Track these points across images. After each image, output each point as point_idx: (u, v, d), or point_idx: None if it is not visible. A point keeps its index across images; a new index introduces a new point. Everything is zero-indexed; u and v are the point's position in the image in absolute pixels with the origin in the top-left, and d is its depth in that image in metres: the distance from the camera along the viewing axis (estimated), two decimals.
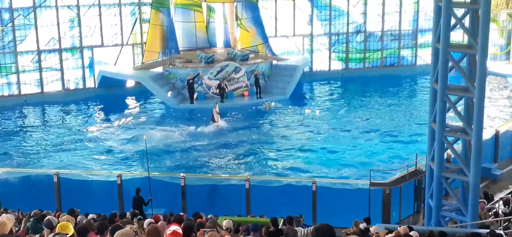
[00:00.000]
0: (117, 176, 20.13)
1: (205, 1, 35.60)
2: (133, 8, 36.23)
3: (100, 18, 35.48)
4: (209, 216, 14.55)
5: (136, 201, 18.40)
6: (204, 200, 19.70)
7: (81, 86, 35.85)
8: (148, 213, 17.96)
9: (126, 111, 33.35)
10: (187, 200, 19.72)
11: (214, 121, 29.86)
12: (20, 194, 20.07)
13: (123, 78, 35.79)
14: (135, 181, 20.44)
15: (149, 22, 34.99)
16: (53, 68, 35.15)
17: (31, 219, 12.60)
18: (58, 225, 8.67)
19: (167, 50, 34.42)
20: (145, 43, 35.43)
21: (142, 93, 35.32)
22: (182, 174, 20.51)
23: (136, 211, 16.99)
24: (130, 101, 35.40)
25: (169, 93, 33.15)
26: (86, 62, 35.77)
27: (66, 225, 8.37)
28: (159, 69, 34.70)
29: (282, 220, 13.62)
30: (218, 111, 30.11)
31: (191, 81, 32.62)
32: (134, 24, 36.36)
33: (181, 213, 16.01)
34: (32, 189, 20.37)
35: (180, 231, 7.55)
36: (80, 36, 35.30)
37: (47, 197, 19.67)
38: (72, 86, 35.70)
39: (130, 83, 36.44)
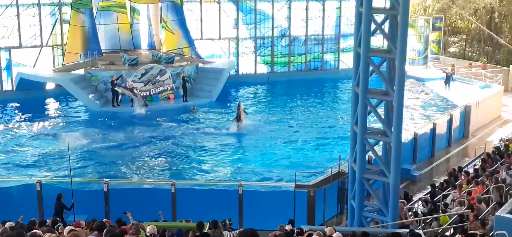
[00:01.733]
0: (37, 182, 19.40)
1: (130, 1, 34.93)
2: (53, 9, 35.14)
3: (18, 19, 34.18)
4: (132, 222, 14.27)
5: (57, 207, 17.80)
6: (130, 205, 19.27)
7: None
8: (69, 220, 17.41)
9: (46, 114, 32.27)
10: (110, 206, 19.27)
11: (239, 120, 29.21)
12: None
13: (43, 81, 34.59)
14: (56, 187, 19.76)
15: (69, 23, 34.00)
16: None
17: None
18: None
19: (89, 51, 33.57)
20: (66, 44, 34.42)
21: (62, 96, 34.27)
22: (105, 179, 20.02)
23: (57, 218, 16.44)
24: (50, 104, 34.27)
25: (91, 96, 32.32)
26: (3, 64, 34.35)
27: None
28: (81, 71, 33.78)
29: (208, 224, 13.53)
30: (244, 109, 29.50)
31: (115, 83, 31.98)
32: (54, 25, 35.28)
33: (105, 220, 15.64)
34: None
35: None
36: None
37: None
38: None
39: (50, 86, 35.28)
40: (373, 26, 14.87)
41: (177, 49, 36.14)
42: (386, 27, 15.21)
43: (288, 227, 14.46)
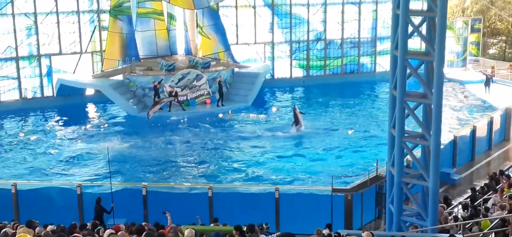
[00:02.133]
0: (77, 186, 19.78)
1: (168, 1, 35.29)
2: (92, 16, 35.80)
3: (58, 26, 34.96)
4: (170, 225, 14.42)
5: (97, 211, 18.11)
6: (168, 209, 19.48)
7: (39, 95, 35.21)
8: (109, 223, 17.69)
9: (85, 120, 32.87)
10: (149, 209, 19.51)
11: (297, 123, 29.53)
12: None
13: (82, 87, 35.27)
14: (96, 191, 20.13)
15: (108, 30, 34.61)
16: (10, 77, 34.43)
17: None
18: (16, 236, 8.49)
19: (127, 58, 34.09)
20: (104, 51, 35.02)
21: (102, 102, 34.87)
22: (143, 183, 20.29)
23: (97, 221, 16.72)
24: (90, 109, 34.89)
25: (130, 101, 32.79)
26: (44, 71, 35.16)
27: (24, 236, 8.20)
28: (119, 77, 34.31)
29: (245, 228, 13.57)
30: (300, 111, 29.90)
31: (157, 88, 32.39)
32: (93, 31, 35.93)
33: (143, 223, 15.84)
34: None
35: None
36: (38, 44, 34.71)
37: (4, 209, 19.17)
38: (29, 95, 35.02)
39: (89, 92, 35.94)
40: (410, 29, 14.72)
41: (213, 54, 36.39)
42: (423, 29, 15.02)
43: (325, 231, 14.40)
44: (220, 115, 32.87)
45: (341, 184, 20.90)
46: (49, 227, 13.70)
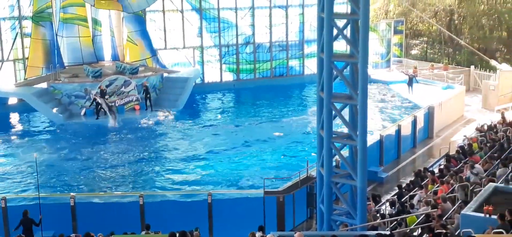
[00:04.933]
0: (1, 199, 19.02)
1: (93, 6, 34.52)
2: (13, 22, 34.54)
3: None
4: (99, 236, 14.12)
5: (25, 223, 17.47)
6: (98, 219, 19.04)
7: None
8: (37, 236, 17.14)
9: (9, 130, 31.66)
10: (78, 221, 19.01)
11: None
12: None
13: (5, 96, 33.96)
14: (22, 204, 19.43)
15: (30, 37, 33.50)
16: None
17: None
18: None
19: (51, 65, 33.11)
20: (27, 58, 33.88)
21: (26, 111, 33.69)
22: (72, 193, 19.75)
23: (23, 235, 16.16)
24: (13, 119, 33.64)
25: (55, 110, 31.83)
26: None
27: None
28: (44, 85, 33.27)
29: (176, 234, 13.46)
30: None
31: (104, 92, 31.63)
32: (15, 39, 34.66)
33: (72, 235, 15.46)
34: None
35: None
36: None
37: None
38: None
39: (12, 101, 34.65)
40: (335, 31, 15.04)
41: (140, 60, 35.92)
42: (348, 32, 15.39)
43: (258, 234, 14.49)
44: (162, 115, 32.36)
45: (273, 186, 21.09)
46: None
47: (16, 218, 17.93)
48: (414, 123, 27.66)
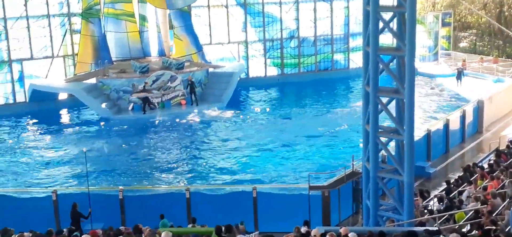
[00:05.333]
0: (52, 192, 19.57)
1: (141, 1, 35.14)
2: (63, 19, 35.40)
3: (29, 30, 34.47)
4: (147, 229, 14.36)
5: (73, 216, 17.92)
6: (145, 212, 19.39)
7: (11, 101, 34.70)
8: (86, 228, 17.55)
9: (59, 124, 32.52)
10: (126, 213, 19.39)
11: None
12: None
13: (55, 91, 34.89)
14: (72, 196, 19.93)
15: (80, 33, 34.27)
16: None
17: None
18: None
19: (100, 61, 33.81)
20: (77, 54, 34.68)
21: (76, 106, 34.53)
22: (120, 187, 20.16)
23: (73, 227, 16.58)
24: (64, 114, 34.51)
25: (104, 105, 32.52)
26: (16, 76, 34.66)
27: None
28: (92, 80, 34.02)
29: (222, 228, 13.58)
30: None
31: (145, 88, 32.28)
32: (64, 35, 35.53)
33: (121, 227, 15.76)
34: None
35: None
36: (8, 49, 34.20)
37: None
38: (1, 101, 34.50)
39: (62, 96, 35.54)
40: (381, 24, 14.86)
41: (186, 55, 36.31)
42: (394, 25, 15.18)
43: (303, 229, 14.47)
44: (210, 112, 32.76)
45: (318, 181, 21.03)
46: (25, 234, 13.57)
47: (67, 211, 18.41)
48: (463, 117, 27.09)
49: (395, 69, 15.20)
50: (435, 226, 14.38)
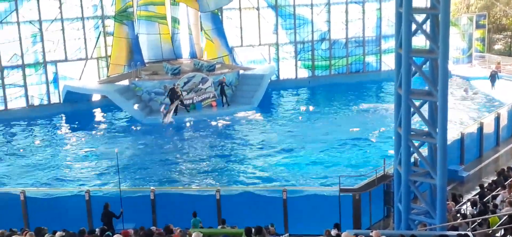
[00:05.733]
0: (85, 192, 19.86)
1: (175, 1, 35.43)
2: (97, 22, 35.92)
3: (63, 33, 35.07)
4: (177, 229, 14.46)
5: (105, 216, 18.15)
6: (176, 212, 19.54)
7: (45, 102, 35.34)
8: (118, 228, 17.75)
9: (92, 125, 32.98)
10: (157, 213, 19.56)
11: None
12: None
13: (89, 93, 35.41)
14: (104, 197, 20.19)
15: (113, 35, 34.74)
16: (16, 85, 34.57)
17: None
18: None
19: (133, 62, 34.21)
20: (110, 56, 35.15)
21: (108, 107, 34.99)
22: (152, 187, 20.35)
23: (105, 227, 16.78)
24: (97, 115, 35.00)
25: (136, 106, 32.88)
26: (50, 78, 35.29)
27: None
28: (125, 82, 34.42)
29: (252, 230, 13.60)
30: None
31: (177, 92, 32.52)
32: (98, 37, 36.04)
33: (152, 227, 15.91)
34: None
35: None
36: (43, 51, 34.84)
37: (14, 216, 19.27)
38: (36, 102, 35.15)
39: (96, 97, 36.06)
40: (414, 26, 14.71)
41: (217, 57, 36.49)
42: (427, 26, 15.01)
43: (334, 232, 14.40)
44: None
45: (349, 184, 20.89)
46: (58, 234, 13.79)
47: (99, 211, 18.66)
48: (497, 121, 26.59)
49: (428, 72, 15.03)
50: (468, 231, 14.16)
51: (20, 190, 20.28)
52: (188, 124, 32.32)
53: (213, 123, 32.22)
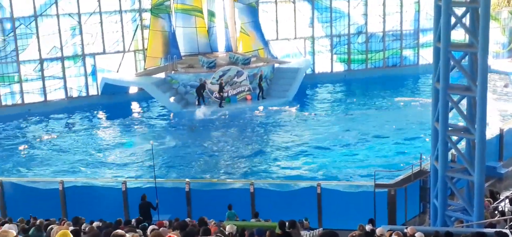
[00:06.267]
0: (122, 183, 20.15)
1: None
2: (134, 15, 36.30)
3: (101, 26, 35.56)
4: (212, 222, 14.53)
5: (143, 207, 18.35)
6: (210, 205, 19.68)
7: (84, 94, 35.93)
8: (154, 219, 17.96)
9: (129, 117, 33.41)
10: (192, 206, 19.72)
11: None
12: (26, 203, 20.07)
13: (126, 85, 35.86)
14: (141, 188, 20.46)
15: (149, 29, 35.08)
16: (55, 77, 35.24)
17: (32, 228, 12.59)
18: (58, 234, 8.73)
19: (169, 55, 34.49)
20: (147, 49, 35.52)
21: (145, 99, 35.39)
22: (187, 180, 20.52)
23: (141, 217, 16.99)
24: (134, 107, 35.44)
25: (172, 99, 33.18)
26: (89, 70, 35.86)
27: (64, 233, 8.43)
28: (161, 75, 34.75)
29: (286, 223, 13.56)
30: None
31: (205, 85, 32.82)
32: (136, 30, 36.44)
33: (187, 219, 16.04)
34: (38, 198, 20.37)
35: None
36: (82, 44, 35.39)
37: (53, 206, 19.68)
38: (75, 94, 35.78)
39: (132, 90, 36.50)
40: (453, 20, 14.44)
41: (253, 50, 36.49)
42: (467, 20, 14.72)
43: (368, 227, 14.28)
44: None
45: (384, 179, 20.70)
46: (95, 223, 14.01)
47: (135, 202, 18.91)
48: None
49: (466, 66, 14.75)
50: (506, 228, 13.86)
51: (59, 180, 20.69)
52: (223, 117, 32.44)
53: (248, 116, 32.27)
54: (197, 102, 33.12)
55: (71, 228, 11.35)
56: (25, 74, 34.43)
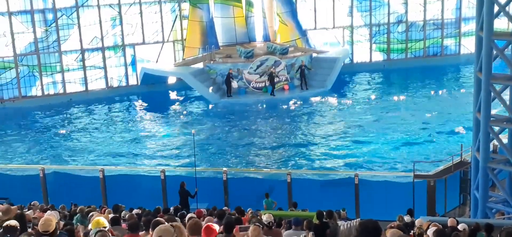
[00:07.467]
0: (161, 172, 20.42)
1: None
2: (173, 5, 36.59)
3: (141, 16, 35.97)
4: (249, 211, 14.61)
5: (182, 195, 18.57)
6: (247, 194, 19.79)
7: (124, 83, 36.46)
8: (192, 208, 18.17)
9: (168, 107, 33.77)
10: (230, 194, 19.87)
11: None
12: (68, 190, 20.57)
13: (165, 75, 36.22)
14: (180, 176, 20.71)
15: (188, 19, 35.31)
16: (96, 67, 35.85)
17: (77, 215, 12.92)
18: (92, 221, 8.93)
19: (207, 46, 34.67)
20: (185, 39, 35.77)
21: (183, 89, 35.71)
22: (224, 168, 20.66)
23: (180, 205, 17.20)
24: (172, 97, 35.80)
25: (210, 89, 33.39)
26: (129, 60, 36.35)
27: (97, 221, 8.62)
28: (200, 65, 34.99)
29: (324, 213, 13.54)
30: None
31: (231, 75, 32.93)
32: (174, 21, 36.72)
33: (225, 208, 16.17)
34: (79, 185, 20.84)
35: (215, 226, 7.61)
36: (122, 34, 35.88)
37: (93, 194, 20.10)
38: (115, 84, 36.34)
39: (171, 80, 36.86)
40: (496, 8, 14.13)
41: (291, 40, 36.38)
42: (511, 8, 14.37)
43: (407, 218, 14.14)
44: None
45: (424, 170, 20.45)
46: (134, 211, 14.25)
47: (174, 190, 19.15)
48: None
49: (510, 55, 14.42)
50: None
51: (99, 168, 21.10)
52: (260, 107, 32.49)
53: (285, 106, 32.25)
54: (228, 94, 33.23)
55: (111, 215, 11.58)
56: (66, 64, 35.14)
